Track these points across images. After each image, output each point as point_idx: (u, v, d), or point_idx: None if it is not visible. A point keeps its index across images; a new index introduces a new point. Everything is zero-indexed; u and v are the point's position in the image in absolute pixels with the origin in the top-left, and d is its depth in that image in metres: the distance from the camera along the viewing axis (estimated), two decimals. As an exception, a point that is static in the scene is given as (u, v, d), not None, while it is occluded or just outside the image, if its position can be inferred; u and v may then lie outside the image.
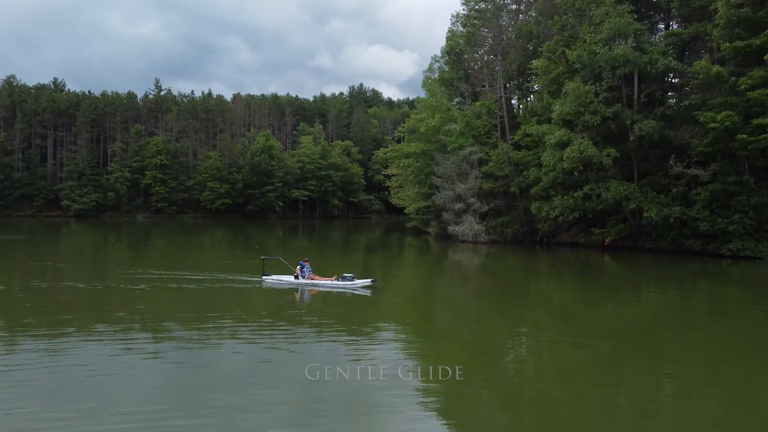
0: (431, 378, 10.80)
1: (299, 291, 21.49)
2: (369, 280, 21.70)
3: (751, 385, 10.76)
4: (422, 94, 57.81)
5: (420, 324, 17.08)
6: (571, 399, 10.00)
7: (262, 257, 24.45)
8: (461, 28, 57.15)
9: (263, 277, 22.72)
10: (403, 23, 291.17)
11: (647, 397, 10.01)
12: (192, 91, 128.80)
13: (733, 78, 32.68)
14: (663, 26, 43.81)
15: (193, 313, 17.10)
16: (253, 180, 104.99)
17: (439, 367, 11.12)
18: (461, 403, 9.86)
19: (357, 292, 20.80)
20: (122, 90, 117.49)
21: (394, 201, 72.03)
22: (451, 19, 62.84)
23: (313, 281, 21.90)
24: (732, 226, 33.62)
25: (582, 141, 36.27)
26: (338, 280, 21.50)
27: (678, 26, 40.80)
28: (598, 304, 20.53)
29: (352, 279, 21.32)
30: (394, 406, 9.53)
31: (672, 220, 35.74)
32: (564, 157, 36.92)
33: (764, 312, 19.21)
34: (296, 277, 22.16)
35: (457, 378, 10.68)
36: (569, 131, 38.02)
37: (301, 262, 22.73)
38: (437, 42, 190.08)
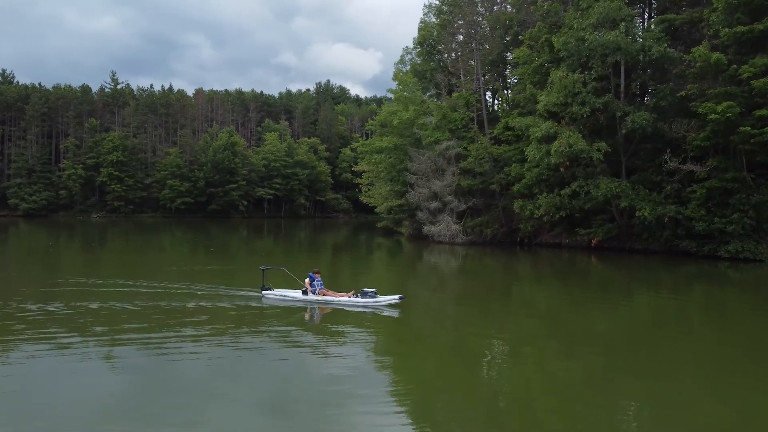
0: (405, 390, 10.15)
1: (308, 310, 17.49)
2: (396, 296, 17.42)
3: (753, 397, 9.87)
4: (388, 91, 54.57)
5: (393, 331, 15.32)
6: (559, 411, 9.27)
7: (262, 267, 19.87)
8: (434, 19, 54.24)
9: (263, 292, 18.68)
10: (368, 22, 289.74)
11: (641, 409, 9.40)
12: (151, 85, 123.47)
13: (734, 66, 30.27)
14: (647, 17, 41.54)
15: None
16: (215, 178, 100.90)
17: (415, 377, 10.78)
18: (439, 415, 9.08)
19: (381, 312, 16.77)
20: (77, 85, 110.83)
21: (364, 199, 68.45)
22: (423, 9, 59.72)
23: (325, 298, 17.97)
24: (731, 226, 31.26)
25: (571, 134, 33.52)
26: (356, 296, 17.65)
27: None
28: (587, 309, 18.81)
29: (374, 295, 17.43)
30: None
31: (666, 219, 33.26)
32: (551, 152, 34.11)
33: (766, 318, 17.86)
34: (305, 292, 18.23)
35: (435, 388, 10.15)
36: (555, 124, 35.26)
37: (310, 273, 18.53)
38: (403, 41, 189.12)
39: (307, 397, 9.60)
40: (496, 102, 52.99)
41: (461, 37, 50.51)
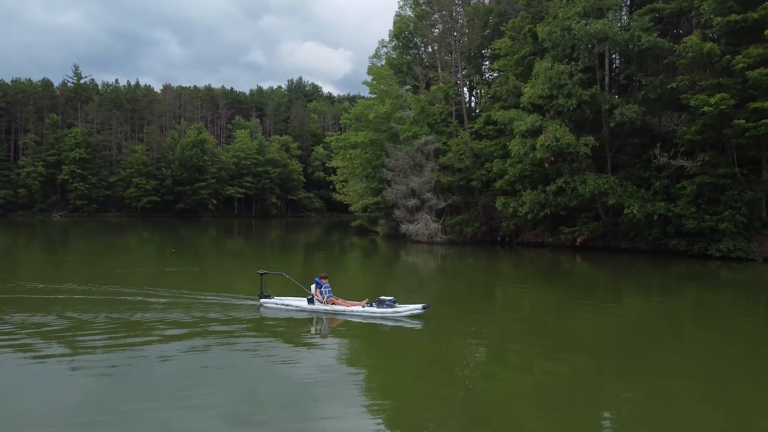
0: (382, 394, 9.69)
1: (315, 321, 15.30)
2: (419, 305, 15.05)
3: (747, 403, 9.37)
4: (361, 89, 52.67)
5: (369, 334, 14.24)
6: (544, 417, 8.82)
7: (260, 271, 17.27)
8: (409, 12, 52.48)
9: (261, 300, 16.34)
10: (338, 20, 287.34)
11: (629, 415, 8.90)
12: (116, 80, 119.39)
13: (727, 57, 28.99)
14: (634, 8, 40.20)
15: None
16: (183, 176, 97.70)
17: (393, 381, 10.39)
18: (418, 420, 8.59)
19: (402, 324, 14.53)
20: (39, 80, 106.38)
21: (338, 197, 66.24)
22: (398, 2, 57.81)
23: (335, 307, 15.63)
24: (723, 224, 29.98)
25: (558, 128, 31.91)
26: (371, 305, 15.36)
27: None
28: (573, 311, 17.85)
29: (392, 304, 15.15)
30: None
31: (655, 217, 31.86)
32: (537, 146, 32.46)
33: (760, 320, 17.23)
34: (311, 300, 15.86)
35: (413, 393, 9.69)
36: (540, 117, 33.66)
37: (317, 279, 16.10)
38: (373, 40, 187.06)
39: (278, 402, 9.16)
40: (476, 95, 51.37)
41: (440, 28, 48.71)
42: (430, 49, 52.40)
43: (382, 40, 54.61)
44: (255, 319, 15.03)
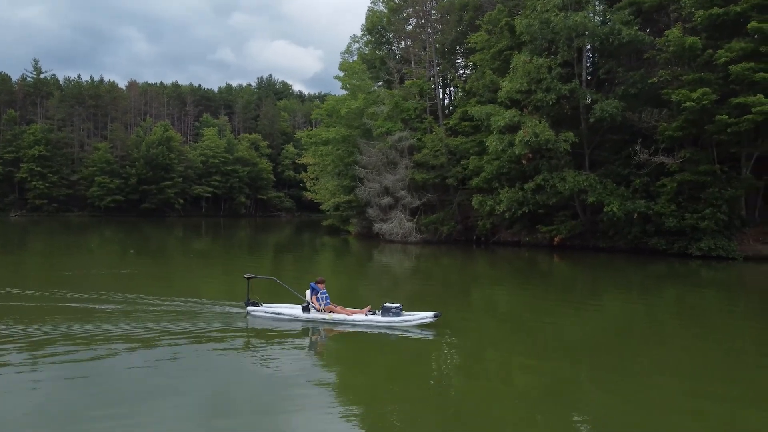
0: (354, 399, 9.22)
1: (311, 331, 13.55)
2: (431, 314, 13.47)
3: (730, 407, 9.04)
4: (332, 88, 51.23)
5: (342, 337, 13.47)
6: (521, 422, 8.53)
7: (246, 275, 15.24)
8: (382, 7, 51.22)
9: (248, 308, 14.59)
10: (309, 19, 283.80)
11: (610, 420, 8.51)
12: (78, 75, 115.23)
13: (709, 51, 28.34)
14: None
15: None
16: (148, 174, 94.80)
17: (365, 385, 9.97)
18: (391, 426, 8.13)
19: (410, 334, 12.96)
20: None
21: (309, 196, 64.53)
22: (370, -1, 56.26)
23: (333, 316, 13.88)
24: (703, 222, 29.37)
25: (537, 123, 30.93)
26: (374, 313, 13.77)
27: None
28: (552, 312, 17.18)
29: (399, 311, 13.51)
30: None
31: (635, 215, 31.11)
32: (516, 142, 31.43)
33: (742, 320, 16.81)
34: (306, 308, 14.07)
35: (386, 397, 9.27)
36: (519, 112, 32.66)
37: (312, 284, 14.31)
38: (344, 39, 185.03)
39: (248, 404, 8.74)
40: (451, 91, 50.31)
41: (413, 22, 47.51)
42: (403, 45, 51.24)
43: (354, 35, 53.30)
44: (233, 330, 13.22)
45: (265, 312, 14.43)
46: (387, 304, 13.67)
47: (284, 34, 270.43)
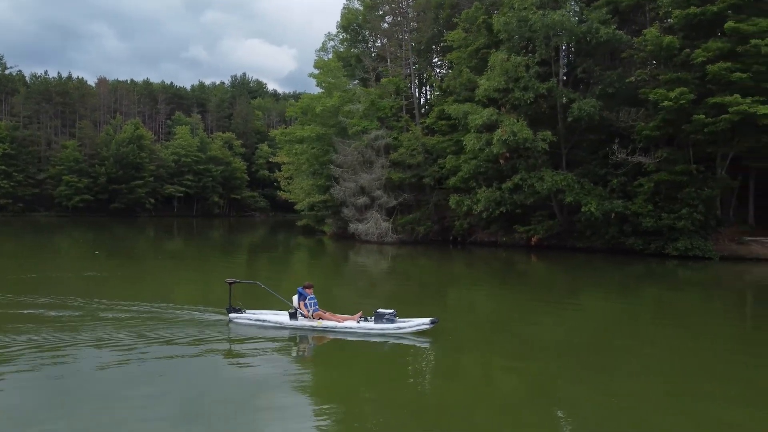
0: (329, 402, 8.91)
1: (299, 340, 12.71)
2: (427, 320, 12.65)
3: (710, 407, 9.03)
4: (306, 87, 50.37)
5: (333, 345, 12.70)
6: (501, 424, 8.27)
7: (228, 280, 14.24)
8: (357, 5, 50.58)
9: (230, 315, 13.61)
10: (282, 18, 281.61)
11: (590, 422, 8.38)
12: (46, 72, 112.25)
13: (686, 50, 28.29)
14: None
15: None
16: (119, 173, 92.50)
17: (340, 388, 9.65)
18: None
19: (404, 341, 12.29)
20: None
21: (283, 195, 63.42)
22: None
23: (323, 323, 13.00)
24: (680, 222, 29.35)
25: (515, 122, 30.59)
26: (366, 320, 12.93)
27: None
28: (531, 313, 17.12)
29: (393, 318, 12.71)
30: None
31: (613, 215, 30.96)
32: (494, 141, 31.05)
33: (720, 319, 16.86)
34: (293, 315, 13.14)
35: (362, 401, 8.96)
36: (497, 111, 32.30)
37: (300, 289, 13.40)
38: (318, 39, 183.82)
39: (221, 407, 8.43)
40: (426, 90, 49.86)
41: (389, 20, 46.93)
42: (379, 43, 50.65)
43: (329, 33, 52.57)
44: (213, 339, 12.24)
45: (249, 319, 13.48)
46: (380, 310, 12.85)
47: (258, 33, 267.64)
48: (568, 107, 31.61)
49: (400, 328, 12.57)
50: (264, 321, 13.39)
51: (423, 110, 46.15)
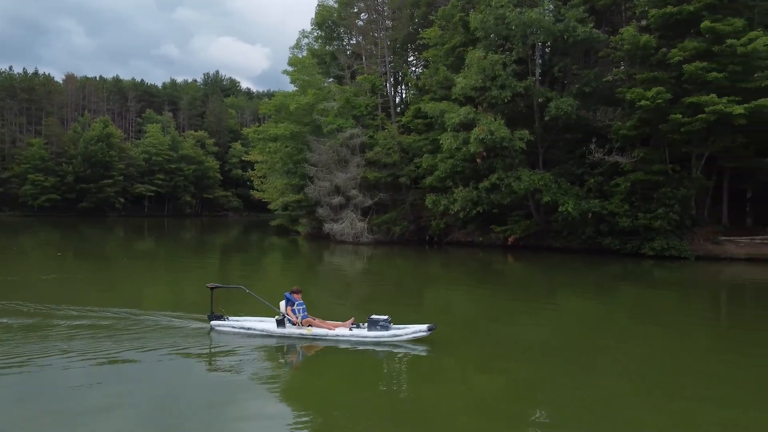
0: (301, 406, 8.58)
1: (286, 350, 11.83)
2: (424, 326, 11.97)
3: (688, 407, 9.03)
4: (281, 85, 49.48)
5: (324, 355, 11.96)
6: (486, 429, 8.06)
7: (210, 285, 13.15)
8: (332, 2, 49.91)
9: (212, 323, 12.69)
10: (256, 16, 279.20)
11: (572, 420, 8.27)
12: (10, 67, 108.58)
13: (663, 50, 28.22)
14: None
15: None
16: (87, 172, 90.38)
17: (313, 392, 9.31)
18: None
19: (402, 349, 11.59)
20: None
21: (256, 195, 62.35)
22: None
23: (313, 330, 12.15)
24: (656, 221, 29.30)
25: (492, 121, 30.24)
26: (358, 326, 12.21)
27: None
28: (508, 314, 17.06)
29: (387, 324, 12.00)
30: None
31: (590, 215, 30.81)
32: (471, 140, 30.64)
33: (696, 318, 16.98)
34: (281, 322, 12.29)
35: (334, 406, 8.53)
36: (474, 109, 31.92)
37: (287, 294, 12.50)
38: (292, 37, 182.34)
39: (201, 424, 7.91)
40: (402, 88, 49.37)
41: (364, 17, 46.30)
42: (354, 40, 50.02)
43: (303, 30, 51.61)
44: (192, 349, 11.31)
45: (232, 327, 12.56)
46: (374, 317, 12.10)
47: (231, 31, 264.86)
48: (545, 106, 31.36)
49: (395, 336, 11.84)
50: (249, 329, 12.48)
51: (399, 108, 45.64)
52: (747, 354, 12.28)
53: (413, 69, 48.40)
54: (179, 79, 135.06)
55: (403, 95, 49.29)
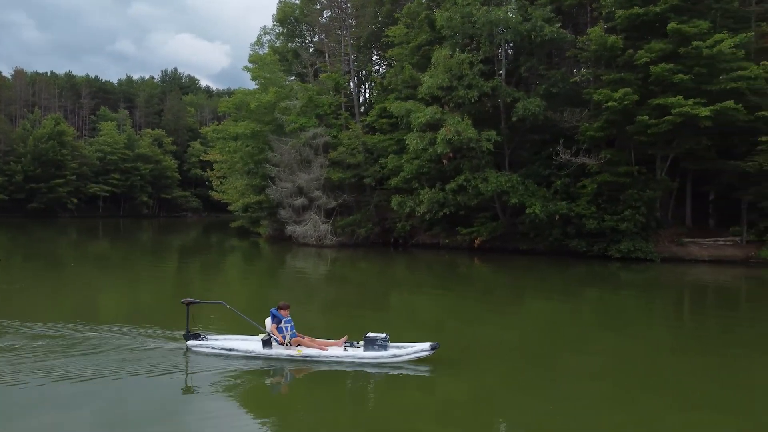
0: (261, 416, 8.42)
1: (272, 374, 10.67)
2: (426, 345, 10.87)
3: (652, 410, 8.92)
4: (241, 83, 48.13)
5: (318, 380, 11.07)
6: None
7: (185, 301, 11.58)
8: (294, -2, 48.82)
9: (188, 342, 11.36)
10: (215, 13, 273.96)
11: (537, 425, 8.27)
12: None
13: (630, 51, 28.09)
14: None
15: None
16: (37, 171, 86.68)
17: (270, 399, 9.41)
18: None
19: (403, 371, 10.54)
20: None
21: (215, 196, 60.60)
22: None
23: (304, 351, 10.95)
24: (623, 223, 29.19)
25: (459, 121, 29.66)
26: (352, 345, 11.15)
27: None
28: (474, 317, 16.94)
29: (385, 344, 10.90)
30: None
31: (557, 217, 30.53)
32: (438, 140, 30.00)
33: (661, 321, 17.14)
34: (267, 342, 11.08)
35: (292, 412, 8.63)
36: (440, 109, 31.31)
37: (273, 311, 11.28)
38: (252, 35, 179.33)
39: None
40: (366, 87, 48.52)
41: (327, 14, 45.30)
42: (317, 38, 48.96)
43: (265, 26, 50.45)
44: (158, 377, 9.98)
45: (212, 348, 11.23)
46: (370, 335, 11.00)
47: (189, 27, 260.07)
48: (512, 106, 30.95)
49: (396, 357, 10.79)
50: (231, 350, 11.16)
51: (363, 108, 44.79)
52: (710, 354, 12.54)
53: (377, 68, 47.62)
54: (136, 76, 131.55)
55: (368, 94, 48.45)
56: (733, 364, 11.70)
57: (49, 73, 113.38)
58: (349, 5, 44.11)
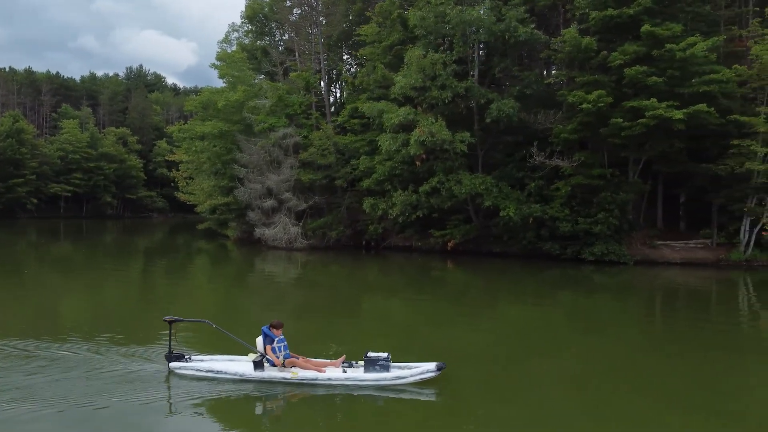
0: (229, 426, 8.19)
1: (265, 399, 9.75)
2: (432, 365, 10.21)
3: (626, 410, 9.04)
4: (209, 81, 46.97)
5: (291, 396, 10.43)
6: None
7: (167, 318, 10.80)
8: (263, -5, 47.85)
9: (171, 365, 10.47)
10: (182, 10, 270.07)
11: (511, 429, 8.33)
12: None
13: (604, 53, 27.97)
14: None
15: None
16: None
17: (240, 408, 9.14)
18: None
19: (406, 395, 9.85)
20: None
21: (182, 197, 59.14)
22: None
23: (300, 373, 10.13)
24: (597, 226, 29.09)
25: (433, 122, 29.19)
26: (350, 365, 10.40)
27: None
28: (447, 321, 16.72)
29: (387, 365, 10.18)
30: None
31: (531, 220, 30.30)
32: (411, 142, 29.47)
33: (634, 324, 17.22)
34: (259, 363, 10.21)
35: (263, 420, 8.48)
36: (413, 110, 30.80)
37: (264, 329, 10.47)
38: (220, 33, 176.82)
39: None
40: (337, 86, 47.80)
41: (297, 12, 44.44)
42: (287, 36, 48.07)
43: (233, 23, 49.32)
44: (136, 403, 9.08)
45: (198, 369, 10.33)
46: (371, 355, 10.23)
47: (155, 24, 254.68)
48: (485, 108, 30.60)
49: (399, 378, 10.07)
50: (218, 372, 10.28)
51: (334, 108, 44.05)
52: (684, 356, 12.69)
53: (349, 67, 46.93)
54: (99, 73, 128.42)
55: (339, 94, 47.72)
56: (706, 366, 11.94)
57: (7, 69, 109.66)
58: (319, 3, 43.31)
